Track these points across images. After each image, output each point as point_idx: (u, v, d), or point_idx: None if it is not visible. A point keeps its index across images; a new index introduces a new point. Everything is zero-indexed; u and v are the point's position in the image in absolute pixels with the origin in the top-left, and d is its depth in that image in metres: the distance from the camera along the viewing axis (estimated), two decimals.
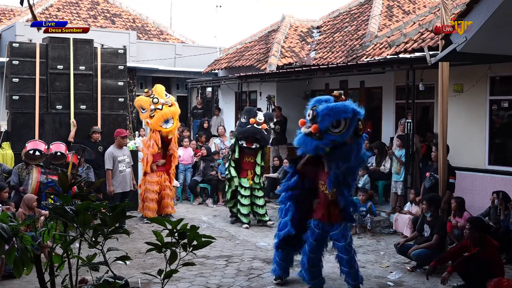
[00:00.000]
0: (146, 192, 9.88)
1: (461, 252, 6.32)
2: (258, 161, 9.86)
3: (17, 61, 9.89)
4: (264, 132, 9.62)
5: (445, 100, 7.20)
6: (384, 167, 10.54)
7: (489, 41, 6.51)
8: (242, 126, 9.67)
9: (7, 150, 9.79)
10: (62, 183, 2.89)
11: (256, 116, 9.63)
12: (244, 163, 9.86)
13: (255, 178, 9.84)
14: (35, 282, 4.59)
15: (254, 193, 9.84)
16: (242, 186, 9.76)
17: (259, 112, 9.87)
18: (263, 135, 9.61)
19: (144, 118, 10.19)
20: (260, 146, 9.78)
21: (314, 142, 5.48)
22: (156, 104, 9.85)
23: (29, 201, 7.50)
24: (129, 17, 22.96)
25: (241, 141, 9.67)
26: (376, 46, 12.31)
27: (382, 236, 9.12)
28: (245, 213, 9.73)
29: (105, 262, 2.78)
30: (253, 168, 9.84)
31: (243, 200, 9.72)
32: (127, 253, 3.09)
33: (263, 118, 9.70)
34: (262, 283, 6.56)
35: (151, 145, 9.85)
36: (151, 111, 9.82)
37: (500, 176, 8.95)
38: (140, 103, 10.01)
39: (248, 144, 9.63)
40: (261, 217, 9.85)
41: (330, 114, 5.42)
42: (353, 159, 5.60)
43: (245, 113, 9.83)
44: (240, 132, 9.70)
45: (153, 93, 10.03)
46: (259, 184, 9.92)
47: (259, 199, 9.86)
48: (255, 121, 9.57)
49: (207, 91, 19.53)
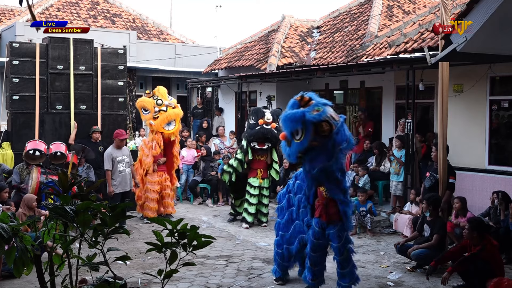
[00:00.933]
0: (146, 192, 9.88)
1: (461, 252, 6.33)
2: (275, 159, 9.92)
3: (17, 61, 9.89)
4: (274, 131, 9.59)
5: (445, 100, 7.21)
6: (384, 167, 10.54)
7: (489, 41, 6.51)
8: (252, 128, 9.66)
9: (7, 150, 9.80)
10: (62, 183, 2.89)
11: (264, 116, 9.64)
12: (255, 162, 9.83)
13: (270, 174, 9.88)
14: (35, 282, 4.59)
15: (262, 192, 9.84)
16: (251, 185, 9.75)
17: (266, 111, 9.86)
18: (273, 134, 9.57)
19: (146, 120, 10.03)
20: (272, 144, 9.77)
21: (287, 150, 5.55)
22: (160, 106, 9.84)
23: (29, 201, 7.50)
24: (129, 17, 22.96)
25: (253, 143, 9.67)
26: (376, 46, 12.31)
27: (382, 236, 9.12)
28: (252, 212, 9.73)
29: (105, 262, 2.78)
30: (263, 167, 9.84)
31: (252, 199, 9.72)
32: (127, 253, 3.09)
33: (271, 117, 9.67)
34: (262, 283, 6.56)
35: (154, 146, 9.83)
36: (155, 112, 9.80)
37: (500, 176, 8.94)
38: (143, 104, 9.94)
39: (260, 145, 9.64)
40: (262, 217, 9.89)
41: (286, 123, 5.44)
42: (327, 159, 5.49)
43: (253, 114, 9.81)
44: (250, 135, 9.68)
45: (156, 94, 10.00)
46: (268, 182, 9.92)
47: (265, 198, 9.89)
48: (263, 121, 9.58)
49: (207, 91, 19.53)
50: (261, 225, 9.82)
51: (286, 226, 6.42)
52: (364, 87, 12.88)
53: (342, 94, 14.15)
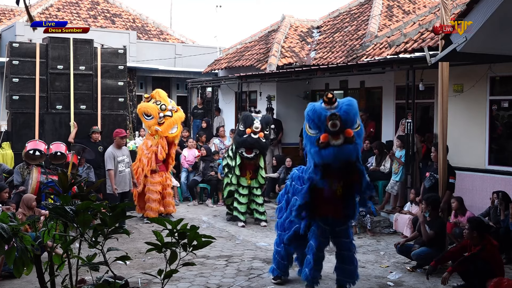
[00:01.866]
0: (148, 193, 9.87)
1: (461, 252, 6.33)
2: (261, 165, 10.02)
3: (17, 61, 9.89)
4: (262, 140, 9.69)
5: (445, 100, 7.21)
6: (384, 167, 10.54)
7: (489, 41, 6.51)
8: (240, 135, 9.76)
9: (7, 150, 9.80)
10: (62, 183, 2.89)
11: (252, 125, 9.66)
12: (244, 164, 9.95)
13: (257, 178, 9.98)
14: (35, 282, 4.59)
15: (253, 192, 9.95)
16: (241, 185, 9.88)
17: (255, 118, 9.82)
18: (260, 144, 9.73)
19: (151, 125, 9.81)
20: (260, 152, 9.91)
21: (350, 148, 5.29)
22: (164, 111, 9.80)
23: (28, 201, 7.49)
24: (129, 17, 22.96)
25: (241, 149, 9.79)
26: (376, 46, 12.31)
27: (382, 236, 9.12)
28: (243, 211, 9.86)
29: (105, 262, 2.78)
30: (252, 169, 9.95)
31: (241, 198, 9.84)
32: (127, 253, 3.09)
33: (260, 126, 9.69)
34: (262, 283, 6.56)
35: (159, 151, 9.80)
36: (160, 118, 9.74)
37: (500, 176, 8.94)
38: (147, 110, 9.82)
39: (247, 153, 9.75)
40: (259, 216, 9.94)
41: (350, 116, 5.31)
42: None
43: (242, 121, 9.88)
44: (238, 142, 9.81)
45: (157, 99, 9.93)
46: (257, 182, 10.02)
47: (258, 198, 9.99)
48: (251, 130, 9.63)
49: (207, 91, 19.53)
50: (260, 224, 9.85)
51: (283, 225, 6.43)
52: (364, 87, 12.88)
53: (342, 94, 14.13)
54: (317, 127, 5.33)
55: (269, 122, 10.24)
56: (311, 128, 5.43)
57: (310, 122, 5.40)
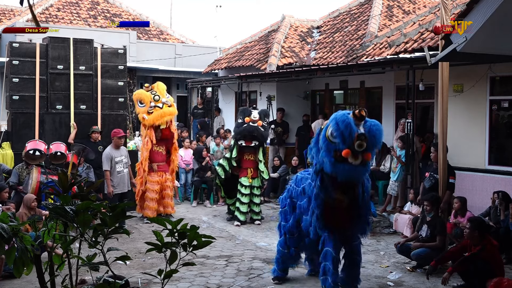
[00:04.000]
0: (147, 192, 9.87)
1: (461, 252, 6.33)
2: (260, 158, 10.07)
3: (17, 61, 9.89)
4: (261, 128, 9.91)
5: (445, 100, 7.21)
6: (384, 166, 10.54)
7: (489, 41, 6.51)
8: (239, 127, 9.97)
9: (7, 150, 9.79)
10: (62, 183, 2.89)
11: (251, 114, 9.94)
12: (244, 162, 10.05)
13: (260, 174, 10.04)
14: (35, 282, 4.59)
15: (253, 191, 10.00)
16: (242, 185, 9.93)
17: (253, 110, 10.16)
18: (259, 132, 9.88)
19: (141, 113, 9.87)
20: (259, 143, 9.98)
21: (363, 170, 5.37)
22: (156, 102, 9.82)
23: (28, 201, 7.50)
24: (129, 17, 22.94)
25: (240, 141, 9.88)
26: (376, 46, 12.31)
27: (382, 236, 9.11)
28: (244, 211, 9.91)
29: (105, 262, 2.78)
30: (253, 167, 10.02)
31: (243, 198, 9.89)
32: (127, 253, 3.09)
33: (258, 116, 9.97)
34: (262, 283, 6.56)
35: (146, 142, 9.84)
36: (150, 107, 9.77)
37: (500, 176, 8.94)
38: (140, 97, 9.89)
39: (247, 143, 9.87)
40: (254, 216, 10.02)
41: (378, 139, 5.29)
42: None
43: (240, 114, 10.17)
44: (237, 133, 9.97)
45: (155, 90, 10.01)
46: (258, 182, 10.07)
47: (257, 197, 10.07)
48: (250, 119, 9.87)
49: (207, 91, 19.53)
50: (255, 223, 9.92)
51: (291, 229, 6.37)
52: (364, 87, 12.88)
53: (342, 94, 14.15)
54: (342, 139, 5.19)
55: (266, 114, 10.51)
56: (334, 136, 5.25)
57: (338, 131, 5.19)
